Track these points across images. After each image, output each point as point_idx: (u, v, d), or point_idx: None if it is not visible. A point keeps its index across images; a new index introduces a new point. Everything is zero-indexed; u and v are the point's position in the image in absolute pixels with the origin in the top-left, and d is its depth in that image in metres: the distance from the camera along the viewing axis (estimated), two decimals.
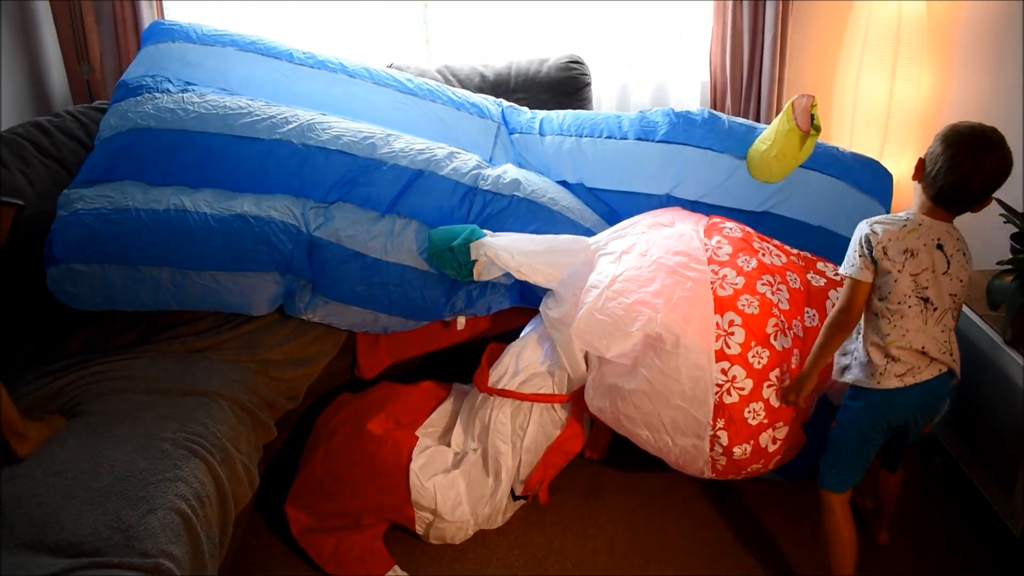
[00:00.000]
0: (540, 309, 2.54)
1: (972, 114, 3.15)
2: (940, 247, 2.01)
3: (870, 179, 2.80)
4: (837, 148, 2.88)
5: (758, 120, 3.70)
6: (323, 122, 2.72)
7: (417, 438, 2.47)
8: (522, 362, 2.50)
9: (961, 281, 2.03)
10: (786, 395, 2.18)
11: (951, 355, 2.03)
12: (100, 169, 2.58)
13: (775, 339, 2.20)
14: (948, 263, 2.01)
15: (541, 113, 3.13)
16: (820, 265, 2.49)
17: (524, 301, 2.65)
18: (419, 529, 2.39)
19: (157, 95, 2.72)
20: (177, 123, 2.63)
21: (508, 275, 2.54)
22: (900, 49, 3.39)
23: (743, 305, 2.22)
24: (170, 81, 2.79)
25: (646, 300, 2.28)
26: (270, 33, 3.11)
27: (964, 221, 2.22)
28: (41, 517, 1.72)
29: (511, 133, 3.07)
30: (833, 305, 2.21)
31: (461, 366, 2.66)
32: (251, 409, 2.27)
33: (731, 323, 2.20)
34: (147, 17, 3.42)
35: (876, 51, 3.42)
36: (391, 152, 2.68)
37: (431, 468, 2.40)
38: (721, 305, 2.23)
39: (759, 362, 2.17)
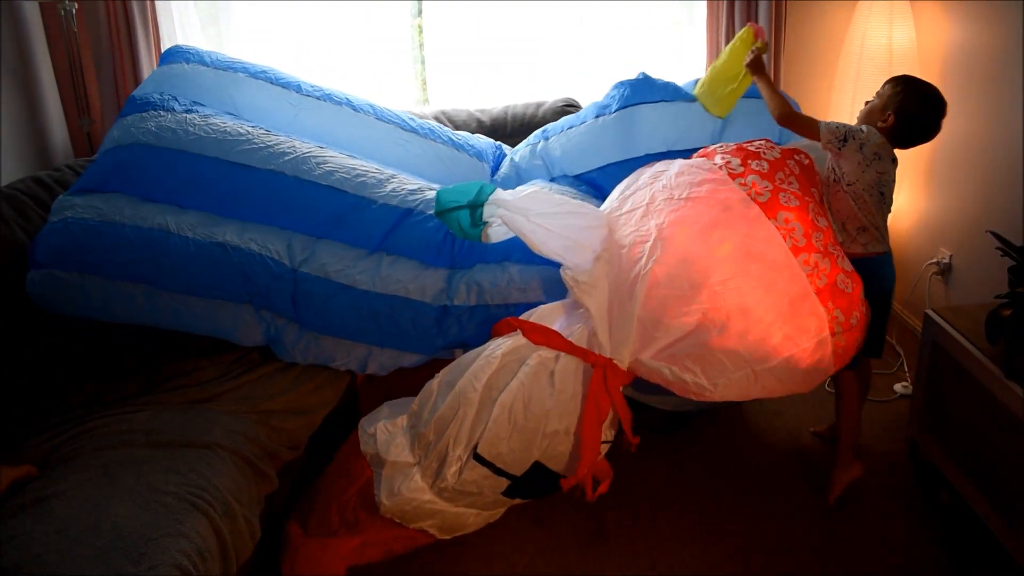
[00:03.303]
0: (562, 276, 2.41)
1: (966, 142, 3.19)
2: (894, 160, 2.52)
3: None
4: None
5: None
6: (319, 156, 2.74)
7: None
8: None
9: (894, 182, 2.55)
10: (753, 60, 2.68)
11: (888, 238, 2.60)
12: (96, 179, 2.61)
13: (818, 221, 2.38)
14: (895, 176, 2.54)
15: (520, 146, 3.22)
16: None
17: None
18: (376, 494, 2.34)
19: (162, 113, 2.76)
20: (175, 143, 2.66)
21: (501, 304, 2.54)
22: None
23: (785, 201, 2.36)
24: (176, 100, 2.83)
25: (705, 235, 2.31)
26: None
27: (965, 253, 2.28)
28: None
29: (495, 171, 3.13)
30: (817, 176, 2.58)
31: None
32: (252, 460, 2.26)
33: (786, 220, 2.33)
34: (147, 69, 3.47)
35: (869, 85, 3.45)
36: (382, 192, 2.70)
37: (379, 417, 2.43)
38: (769, 209, 2.33)
39: (821, 244, 2.34)
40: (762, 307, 2.24)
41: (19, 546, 1.78)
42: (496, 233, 2.41)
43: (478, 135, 3.26)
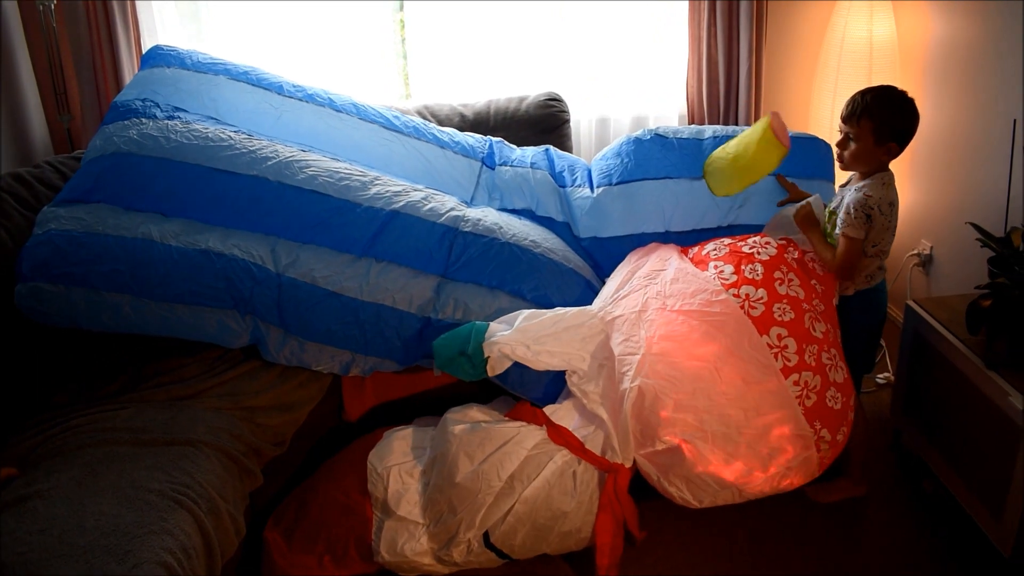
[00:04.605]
0: (569, 387, 2.45)
1: (946, 135, 3.21)
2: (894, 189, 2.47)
3: (808, 162, 2.94)
4: None
5: None
6: (302, 160, 2.72)
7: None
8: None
9: None
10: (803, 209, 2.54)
11: None
12: (80, 190, 2.59)
13: (814, 330, 2.33)
14: None
15: (530, 149, 3.20)
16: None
17: None
18: (374, 541, 2.35)
19: (143, 120, 2.74)
20: (157, 151, 2.64)
21: None
22: (873, 74, 3.44)
23: (779, 315, 2.31)
24: (158, 106, 2.80)
25: (695, 353, 2.29)
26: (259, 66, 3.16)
27: (945, 244, 2.24)
28: None
29: (501, 165, 3.10)
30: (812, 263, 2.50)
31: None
32: (237, 457, 2.25)
33: (779, 337, 2.29)
34: (127, 66, 3.44)
35: (850, 81, 3.47)
36: (366, 194, 2.69)
37: (389, 453, 2.44)
38: (762, 324, 2.30)
39: (813, 359, 2.29)
40: (748, 432, 2.24)
41: (2, 546, 1.77)
42: (501, 364, 2.39)
43: (467, 133, 3.25)
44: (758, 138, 2.64)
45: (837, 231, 2.45)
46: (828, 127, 3.53)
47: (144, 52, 3.11)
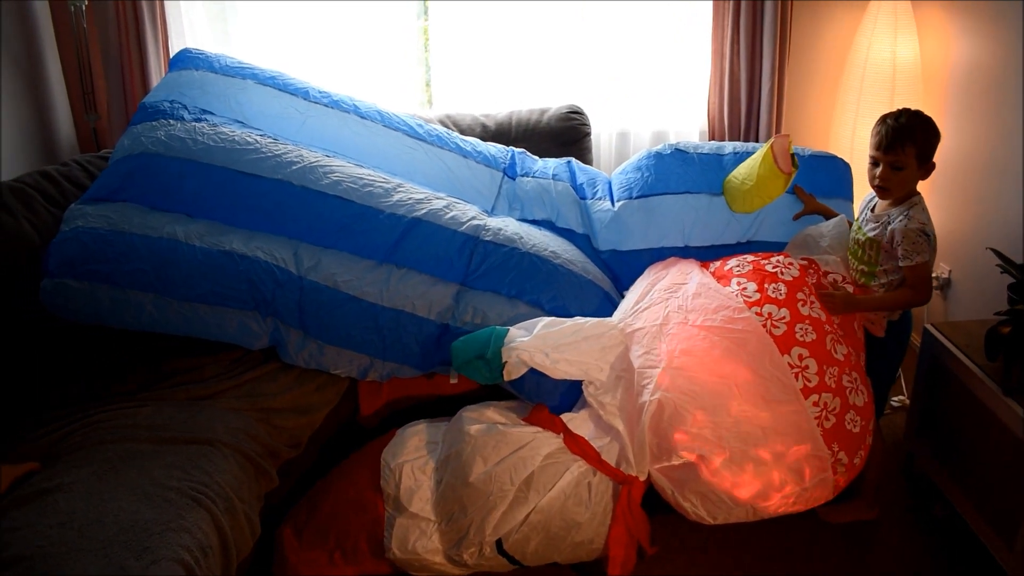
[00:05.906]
0: (586, 396, 2.46)
1: (967, 157, 3.21)
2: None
3: (827, 181, 2.97)
4: (796, 153, 2.94)
5: None
6: (326, 165, 2.75)
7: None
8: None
9: None
10: (831, 299, 2.42)
11: None
12: (107, 189, 2.62)
13: (835, 352, 2.33)
14: None
15: (551, 161, 3.22)
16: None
17: None
18: (386, 537, 2.36)
19: (171, 122, 2.77)
20: (185, 152, 2.67)
21: None
22: (896, 96, 3.45)
23: (801, 335, 2.31)
24: (186, 108, 2.84)
25: (715, 370, 2.30)
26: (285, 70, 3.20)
27: (964, 269, 2.24)
28: (46, 570, 1.71)
29: (523, 175, 3.12)
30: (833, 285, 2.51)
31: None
32: (253, 457, 2.27)
33: (800, 357, 2.29)
34: (154, 67, 3.48)
35: (872, 98, 3.47)
36: (389, 201, 2.71)
37: (403, 450, 2.46)
38: (784, 344, 2.30)
39: (834, 380, 2.28)
40: (765, 451, 2.25)
41: (22, 538, 1.79)
42: (518, 370, 2.40)
43: (489, 143, 3.27)
44: (759, 164, 2.70)
45: (901, 263, 2.40)
46: (849, 148, 3.53)
47: (173, 55, 3.14)
